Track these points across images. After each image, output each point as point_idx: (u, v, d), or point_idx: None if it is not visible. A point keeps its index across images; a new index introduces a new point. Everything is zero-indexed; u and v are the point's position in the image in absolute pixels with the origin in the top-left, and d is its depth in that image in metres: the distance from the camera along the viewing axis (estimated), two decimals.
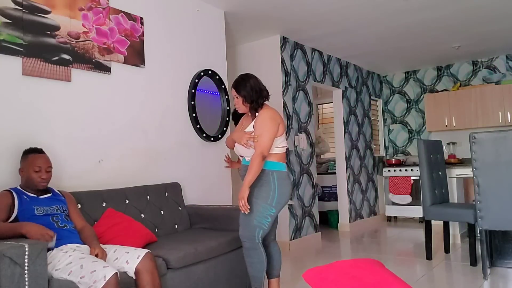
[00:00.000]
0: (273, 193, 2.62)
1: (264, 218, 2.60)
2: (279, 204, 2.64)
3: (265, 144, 2.59)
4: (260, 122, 2.64)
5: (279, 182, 2.64)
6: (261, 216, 2.60)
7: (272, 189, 2.62)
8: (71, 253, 2.04)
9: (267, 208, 2.60)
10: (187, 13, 3.81)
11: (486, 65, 6.48)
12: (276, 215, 2.68)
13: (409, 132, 7.17)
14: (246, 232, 2.63)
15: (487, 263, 3.37)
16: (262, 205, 2.60)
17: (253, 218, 2.60)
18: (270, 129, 2.61)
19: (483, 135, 3.33)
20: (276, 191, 2.62)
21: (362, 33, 5.04)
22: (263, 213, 2.59)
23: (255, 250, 2.61)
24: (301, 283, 3.34)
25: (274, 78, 4.93)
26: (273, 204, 2.61)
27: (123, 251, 2.19)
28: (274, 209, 2.62)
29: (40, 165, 2.25)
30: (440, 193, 4.13)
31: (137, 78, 3.31)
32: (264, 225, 2.61)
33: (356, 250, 4.74)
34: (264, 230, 2.62)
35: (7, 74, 2.52)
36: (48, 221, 2.18)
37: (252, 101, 2.70)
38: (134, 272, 2.12)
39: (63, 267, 1.97)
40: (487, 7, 4.35)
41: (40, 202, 2.24)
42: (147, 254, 2.17)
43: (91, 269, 1.91)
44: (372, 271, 1.64)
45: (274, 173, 2.65)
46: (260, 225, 2.60)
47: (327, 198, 6.41)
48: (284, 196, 2.66)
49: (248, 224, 2.61)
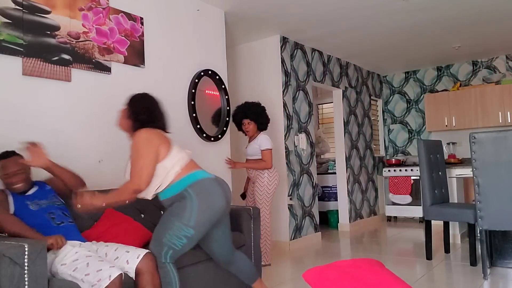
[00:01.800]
0: (189, 211, 2.17)
1: (177, 239, 2.18)
2: (201, 224, 2.19)
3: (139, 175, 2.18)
4: (132, 145, 2.26)
5: (199, 195, 2.20)
6: (173, 235, 2.18)
7: (189, 206, 2.18)
8: (78, 249, 2.05)
9: (182, 228, 2.17)
10: (187, 13, 3.81)
11: (486, 65, 6.48)
12: (201, 236, 2.25)
13: (409, 132, 7.17)
14: (152, 246, 2.24)
15: (487, 263, 3.37)
16: (176, 223, 2.18)
17: (164, 234, 2.20)
18: (144, 154, 2.19)
19: (483, 135, 3.33)
20: (194, 208, 2.17)
21: (362, 33, 5.04)
22: (175, 232, 2.18)
23: (161, 269, 2.19)
24: (301, 283, 3.34)
25: (274, 78, 4.94)
26: (190, 224, 2.17)
27: (123, 250, 2.19)
28: (192, 230, 2.17)
29: (6, 172, 2.20)
30: (440, 193, 4.13)
31: (137, 78, 3.31)
32: (176, 246, 2.19)
33: (356, 250, 4.74)
34: (176, 250, 2.20)
35: (7, 74, 2.52)
36: (45, 218, 2.17)
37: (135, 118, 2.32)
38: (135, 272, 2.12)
39: (69, 263, 1.98)
40: (487, 7, 4.35)
41: (30, 197, 2.24)
42: (147, 254, 2.17)
43: (97, 268, 1.91)
44: (372, 271, 1.64)
45: (190, 188, 2.22)
46: (170, 245, 2.19)
47: (327, 198, 6.41)
48: (208, 212, 2.21)
49: (157, 239, 2.23)
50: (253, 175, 4.06)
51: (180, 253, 2.25)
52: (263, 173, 3.99)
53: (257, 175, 4.01)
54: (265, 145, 3.95)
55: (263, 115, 4.06)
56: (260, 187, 3.97)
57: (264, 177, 3.98)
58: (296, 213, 4.95)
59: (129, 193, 2.19)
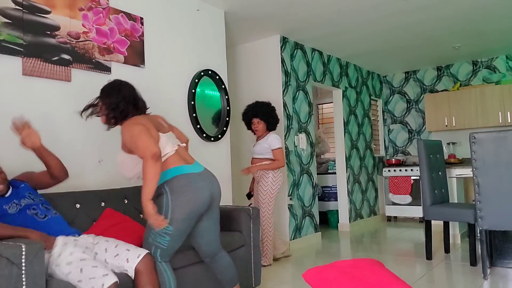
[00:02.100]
0: (165, 209, 2.17)
1: (160, 237, 2.18)
2: (179, 220, 2.18)
3: (146, 144, 2.10)
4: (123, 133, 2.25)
5: (173, 192, 2.19)
6: (156, 234, 2.19)
7: (164, 204, 2.18)
8: (72, 249, 2.00)
9: None
10: (187, 13, 3.81)
11: (486, 65, 6.48)
12: (184, 232, 2.24)
13: (409, 132, 7.17)
14: (143, 247, 2.26)
15: (487, 263, 3.37)
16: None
17: (149, 234, 2.23)
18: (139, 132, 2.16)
19: (483, 135, 3.33)
20: (169, 205, 2.17)
21: (362, 33, 5.04)
22: (157, 231, 2.18)
23: (157, 269, 2.21)
24: (301, 283, 3.33)
25: (274, 78, 4.93)
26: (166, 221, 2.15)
27: (124, 247, 2.17)
28: (170, 227, 2.16)
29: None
30: (440, 193, 4.13)
31: (137, 78, 3.30)
32: (162, 244, 2.20)
33: (356, 250, 4.74)
34: (164, 249, 2.21)
35: (7, 74, 2.52)
36: (28, 216, 2.11)
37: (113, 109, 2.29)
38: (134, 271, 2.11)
39: (63, 265, 1.95)
40: (487, 7, 4.35)
41: (8, 200, 2.14)
42: (147, 254, 2.16)
43: (90, 275, 1.88)
44: (372, 271, 1.64)
45: (165, 184, 2.21)
46: (156, 244, 2.20)
47: (327, 198, 6.41)
48: (186, 207, 2.19)
49: (145, 240, 2.26)
50: (258, 174, 4.06)
51: (170, 251, 2.24)
52: (268, 173, 3.99)
53: (262, 175, 4.02)
54: (275, 144, 3.97)
55: (272, 115, 4.08)
56: (264, 187, 3.98)
57: (268, 177, 3.98)
58: (296, 213, 4.95)
59: (151, 164, 2.06)
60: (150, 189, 2.08)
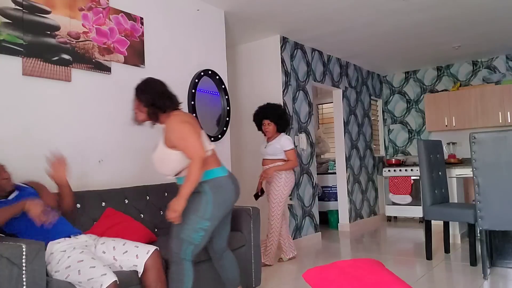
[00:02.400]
0: (205, 205, 2.30)
1: (195, 232, 2.29)
2: (216, 217, 2.34)
3: (196, 146, 2.24)
4: (172, 130, 2.31)
5: (214, 192, 2.32)
6: (191, 230, 2.28)
7: (205, 201, 2.31)
8: (70, 253, 2.02)
9: (198, 221, 2.29)
10: (187, 13, 3.81)
11: (486, 65, 6.47)
12: (213, 228, 2.37)
13: (409, 132, 7.17)
14: (172, 244, 2.33)
15: (487, 263, 3.37)
16: (192, 217, 2.29)
17: (182, 230, 2.30)
18: (189, 132, 2.28)
19: (483, 135, 3.33)
20: (209, 202, 2.31)
21: (362, 33, 5.04)
22: (193, 226, 2.28)
23: (177, 266, 2.30)
24: (301, 283, 3.33)
25: (274, 78, 4.93)
26: (205, 217, 2.30)
27: (132, 245, 2.20)
28: (207, 222, 2.30)
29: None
30: (440, 193, 4.13)
31: (137, 78, 3.27)
32: (195, 240, 2.29)
33: (356, 250, 4.74)
34: (195, 245, 2.31)
35: (7, 74, 2.52)
36: (28, 219, 2.07)
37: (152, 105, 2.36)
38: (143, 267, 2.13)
39: (62, 270, 1.96)
40: (488, 7, 4.35)
41: (9, 203, 2.10)
42: (156, 251, 2.19)
43: (89, 276, 1.88)
44: (372, 271, 1.64)
45: (205, 184, 2.32)
46: (189, 240, 2.29)
47: (327, 198, 6.41)
48: (222, 206, 2.35)
49: (176, 236, 2.32)
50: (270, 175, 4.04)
51: (199, 248, 2.34)
52: (281, 174, 3.99)
53: (275, 175, 4.00)
54: (288, 145, 3.99)
55: (283, 118, 4.09)
56: (276, 187, 3.98)
57: (281, 178, 3.99)
58: (296, 213, 4.95)
59: (199, 167, 2.22)
60: (192, 189, 2.23)
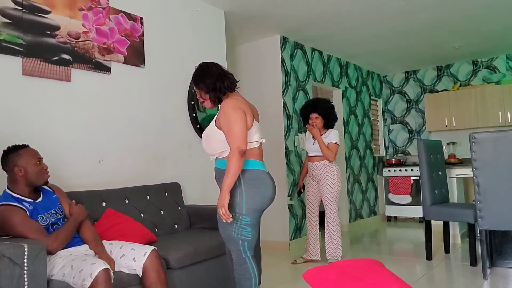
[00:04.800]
0: (240, 200, 2.23)
1: (242, 229, 2.24)
2: (253, 210, 2.24)
3: (238, 136, 2.16)
4: (223, 112, 2.24)
5: (247, 185, 2.24)
6: (237, 227, 2.24)
7: (238, 195, 2.23)
8: (66, 258, 2.03)
9: (239, 218, 2.23)
10: (187, 13, 3.81)
11: (486, 65, 6.47)
12: (258, 221, 2.32)
13: (409, 132, 7.17)
14: (231, 245, 2.30)
15: (487, 263, 3.37)
16: (233, 215, 2.22)
17: (230, 231, 2.26)
18: (236, 119, 2.19)
19: (483, 135, 3.33)
20: (243, 196, 2.23)
21: (362, 33, 5.04)
22: (238, 224, 2.24)
23: (240, 266, 2.28)
24: (301, 283, 3.33)
25: (274, 78, 4.93)
26: (243, 213, 2.22)
27: (129, 247, 2.20)
28: (247, 217, 2.23)
29: (39, 156, 2.17)
30: (440, 193, 4.13)
31: (137, 78, 3.31)
32: (246, 236, 2.25)
33: (356, 250, 4.74)
34: (249, 240, 2.27)
35: (7, 74, 2.52)
36: (50, 231, 2.11)
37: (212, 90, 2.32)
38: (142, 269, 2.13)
39: (57, 272, 1.97)
40: (488, 7, 4.35)
41: (40, 209, 2.13)
42: (153, 251, 2.18)
43: (79, 268, 1.90)
44: (372, 271, 1.64)
45: (240, 174, 2.22)
46: (240, 237, 2.25)
47: None
48: (258, 200, 2.25)
49: (229, 238, 2.29)
50: (321, 172, 3.96)
51: (254, 242, 2.30)
52: (332, 169, 3.93)
53: (326, 173, 3.93)
54: (335, 139, 3.94)
55: (332, 112, 4.04)
56: (332, 184, 3.91)
57: (334, 174, 3.92)
58: (296, 213, 4.95)
59: (237, 158, 2.14)
60: (233, 181, 2.16)
